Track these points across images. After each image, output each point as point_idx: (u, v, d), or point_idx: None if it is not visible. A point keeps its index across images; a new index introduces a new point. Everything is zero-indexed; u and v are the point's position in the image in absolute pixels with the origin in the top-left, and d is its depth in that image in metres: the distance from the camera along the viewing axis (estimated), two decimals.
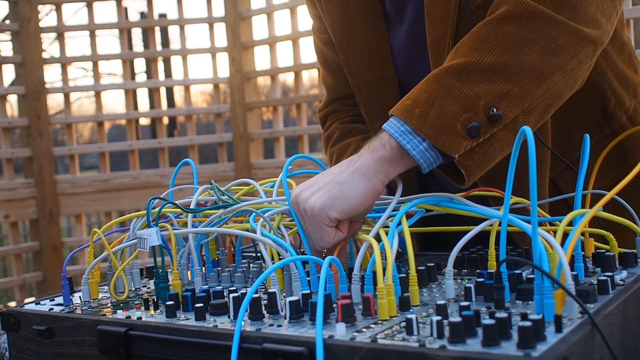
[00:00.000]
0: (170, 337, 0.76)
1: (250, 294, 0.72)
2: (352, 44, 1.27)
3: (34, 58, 3.62)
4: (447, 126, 0.88)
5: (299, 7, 3.55)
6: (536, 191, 0.69)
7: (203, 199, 1.08)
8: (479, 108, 0.89)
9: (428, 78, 0.94)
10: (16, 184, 3.61)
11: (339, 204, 0.88)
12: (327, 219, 0.88)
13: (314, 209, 0.88)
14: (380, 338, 0.64)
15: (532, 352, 0.57)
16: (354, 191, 0.88)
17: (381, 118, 1.28)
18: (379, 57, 1.25)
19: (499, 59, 0.91)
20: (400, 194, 0.93)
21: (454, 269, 0.92)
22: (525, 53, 0.92)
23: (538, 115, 0.94)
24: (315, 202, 0.88)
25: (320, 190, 0.89)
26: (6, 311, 0.93)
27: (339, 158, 1.36)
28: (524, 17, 0.93)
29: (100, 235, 0.98)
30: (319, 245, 0.90)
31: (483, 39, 0.93)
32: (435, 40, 1.11)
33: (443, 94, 0.90)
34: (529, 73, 0.91)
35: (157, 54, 3.96)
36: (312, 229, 0.90)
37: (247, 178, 1.21)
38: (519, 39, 0.92)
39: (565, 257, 0.66)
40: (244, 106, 3.72)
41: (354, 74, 1.28)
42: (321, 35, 1.40)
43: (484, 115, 0.89)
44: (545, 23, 0.93)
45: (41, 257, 3.68)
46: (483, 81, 0.90)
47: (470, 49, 0.93)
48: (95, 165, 12.23)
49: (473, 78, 0.91)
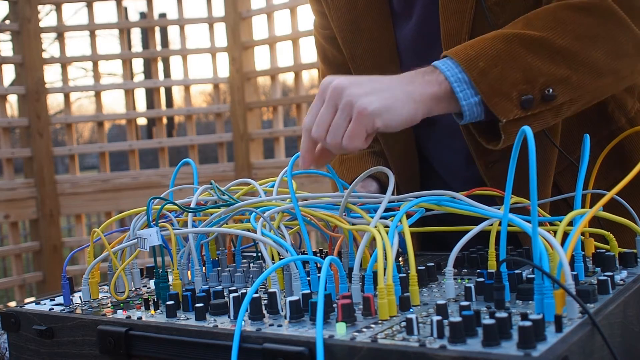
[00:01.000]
0: (170, 337, 0.76)
1: (251, 294, 0.72)
2: (358, 40, 1.27)
3: (34, 58, 3.62)
4: (504, 90, 0.90)
5: (299, 7, 3.55)
6: (536, 191, 0.69)
7: (203, 199, 1.08)
8: (537, 83, 0.91)
9: (495, 36, 0.95)
10: (16, 184, 3.61)
11: (388, 117, 0.87)
12: (372, 125, 0.86)
13: (366, 109, 0.85)
14: (380, 338, 0.64)
15: (533, 352, 0.57)
16: (404, 111, 0.88)
17: None
18: (385, 53, 1.25)
19: (569, 45, 0.94)
20: (393, 187, 0.93)
21: (454, 268, 0.92)
22: (593, 49, 0.95)
23: (578, 107, 0.96)
24: (369, 104, 0.86)
25: (374, 94, 0.87)
26: (6, 311, 0.93)
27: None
28: (603, 14, 0.96)
29: (100, 235, 0.98)
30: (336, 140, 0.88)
31: (560, 21, 0.95)
32: (449, 36, 1.11)
33: (509, 57, 0.92)
34: (590, 67, 0.94)
35: (156, 54, 3.96)
36: (341, 122, 0.87)
37: (247, 178, 1.22)
38: (592, 33, 0.95)
39: (566, 257, 0.66)
40: (244, 106, 3.72)
41: (359, 69, 1.28)
42: (323, 31, 1.40)
43: (539, 91, 0.91)
44: (619, 28, 0.96)
45: (41, 257, 3.68)
46: (548, 60, 0.93)
47: (545, 26, 0.95)
48: (95, 165, 12.22)
49: (541, 53, 0.93)
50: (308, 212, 0.96)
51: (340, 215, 0.96)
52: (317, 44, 1.44)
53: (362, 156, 1.32)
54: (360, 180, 0.98)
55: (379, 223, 0.84)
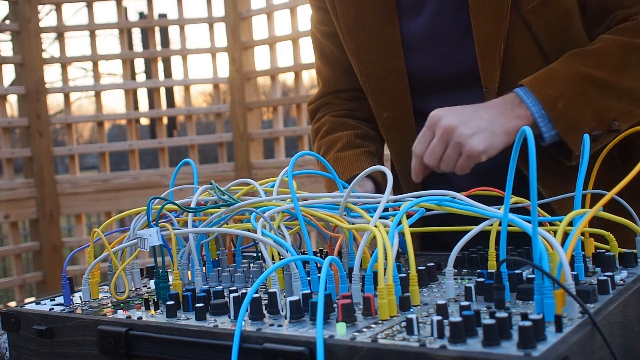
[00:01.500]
0: (170, 337, 0.76)
1: (251, 294, 0.72)
2: (363, 35, 1.28)
3: (34, 58, 3.62)
4: (578, 128, 1.07)
5: (299, 7, 3.56)
6: (536, 191, 0.69)
7: (203, 199, 1.08)
8: (606, 120, 1.08)
9: (571, 74, 1.10)
10: (16, 184, 3.61)
11: (490, 153, 1.07)
12: (478, 160, 1.07)
13: (474, 150, 1.06)
14: (380, 338, 0.64)
15: (533, 352, 0.57)
16: (500, 144, 1.08)
17: (389, 109, 1.30)
18: (390, 48, 1.26)
19: (634, 86, 1.09)
20: (391, 186, 0.93)
21: (454, 269, 0.92)
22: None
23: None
24: (476, 145, 1.06)
25: (479, 134, 1.07)
26: (6, 311, 0.93)
27: (328, 151, 1.37)
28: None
29: (100, 235, 0.98)
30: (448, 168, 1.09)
31: (628, 65, 1.11)
32: (483, 40, 1.17)
33: (583, 100, 1.09)
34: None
35: (157, 54, 3.96)
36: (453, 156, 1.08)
37: (247, 178, 1.22)
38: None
39: (566, 257, 0.66)
40: (244, 106, 3.72)
41: (363, 64, 1.29)
42: (321, 27, 1.40)
43: (607, 126, 1.08)
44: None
45: (41, 257, 3.68)
46: (616, 98, 1.09)
47: (615, 68, 1.11)
48: (95, 165, 12.22)
49: (610, 94, 1.09)
50: (308, 212, 0.96)
51: (340, 215, 0.96)
52: (315, 40, 1.44)
53: (357, 155, 1.32)
54: (360, 180, 0.99)
55: (379, 222, 0.84)
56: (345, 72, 1.40)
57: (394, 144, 1.33)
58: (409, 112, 1.30)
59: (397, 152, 1.33)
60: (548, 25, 1.16)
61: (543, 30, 1.16)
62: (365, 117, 1.43)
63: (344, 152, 1.33)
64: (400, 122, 1.31)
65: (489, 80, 1.19)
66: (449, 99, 1.26)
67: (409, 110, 1.30)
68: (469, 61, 1.21)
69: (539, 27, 1.15)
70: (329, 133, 1.40)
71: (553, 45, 1.16)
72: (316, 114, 1.47)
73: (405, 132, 1.30)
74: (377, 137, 1.42)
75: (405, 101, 1.29)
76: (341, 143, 1.35)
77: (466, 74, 1.23)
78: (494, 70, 1.18)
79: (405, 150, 1.31)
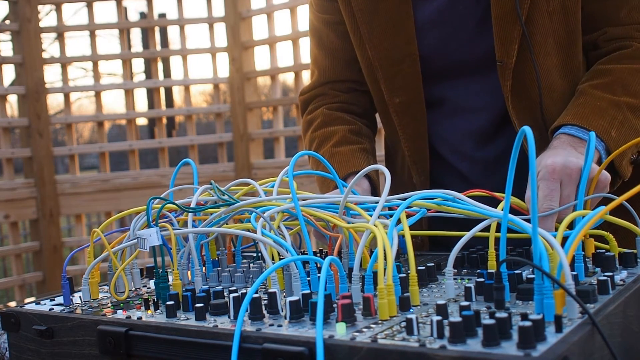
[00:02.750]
0: (170, 337, 0.76)
1: (251, 294, 0.72)
2: (376, 19, 1.28)
3: (34, 58, 3.62)
4: (627, 154, 1.11)
5: (299, 7, 3.56)
6: (536, 191, 0.69)
7: (203, 199, 1.08)
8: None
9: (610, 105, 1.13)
10: (16, 184, 3.61)
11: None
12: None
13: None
14: (380, 338, 0.64)
15: (532, 352, 0.57)
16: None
17: (402, 94, 1.30)
18: (403, 33, 1.26)
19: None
20: (389, 186, 0.93)
21: (454, 269, 0.92)
22: None
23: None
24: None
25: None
26: (6, 311, 0.93)
27: (321, 144, 1.36)
28: None
29: (100, 235, 0.98)
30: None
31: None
32: (501, 16, 1.18)
33: (628, 126, 1.13)
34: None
35: (156, 54, 3.96)
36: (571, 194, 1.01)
37: (247, 178, 1.21)
38: None
39: (566, 257, 0.66)
40: (244, 106, 3.72)
41: (376, 49, 1.29)
42: (322, 15, 1.39)
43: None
44: None
45: (41, 257, 3.68)
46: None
47: (637, 93, 1.16)
48: (95, 165, 12.22)
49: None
50: (307, 211, 0.97)
51: (339, 214, 0.96)
52: (312, 27, 1.43)
53: (353, 151, 1.32)
54: (359, 179, 0.99)
55: (378, 222, 0.84)
56: (344, 63, 1.40)
57: (406, 129, 1.32)
58: (420, 97, 1.30)
59: (408, 138, 1.33)
60: (564, 8, 1.19)
61: (559, 12, 1.19)
62: (359, 111, 1.42)
63: (339, 148, 1.33)
64: (412, 108, 1.31)
65: (506, 54, 1.19)
66: (461, 85, 1.27)
67: (420, 96, 1.30)
68: (484, 46, 1.22)
69: (555, 8, 1.18)
70: (323, 126, 1.39)
71: (564, 28, 1.20)
72: (309, 105, 1.46)
73: (417, 118, 1.30)
74: (370, 134, 1.42)
75: (418, 87, 1.29)
76: (336, 138, 1.34)
77: (480, 59, 1.25)
78: (512, 44, 1.18)
79: (417, 135, 1.31)
